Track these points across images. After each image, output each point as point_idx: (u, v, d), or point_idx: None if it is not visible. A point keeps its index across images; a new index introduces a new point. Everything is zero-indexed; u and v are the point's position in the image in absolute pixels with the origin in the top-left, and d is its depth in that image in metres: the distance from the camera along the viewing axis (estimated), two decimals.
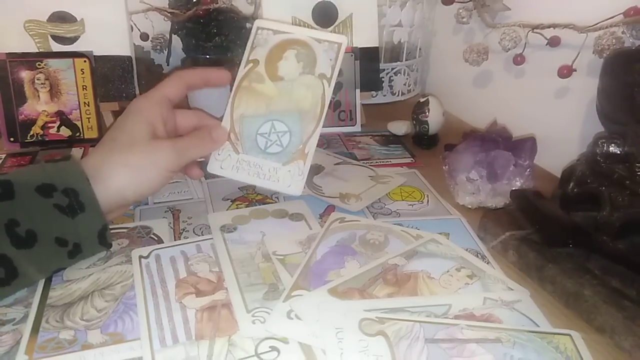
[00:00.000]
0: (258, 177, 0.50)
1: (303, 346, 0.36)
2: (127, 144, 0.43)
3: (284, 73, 0.49)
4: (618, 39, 0.55)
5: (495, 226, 0.49)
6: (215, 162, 0.50)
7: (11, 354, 0.35)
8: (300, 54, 0.49)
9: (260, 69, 0.49)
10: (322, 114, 0.49)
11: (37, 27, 0.66)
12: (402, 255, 0.46)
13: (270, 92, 0.49)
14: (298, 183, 0.50)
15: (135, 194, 0.44)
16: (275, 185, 0.50)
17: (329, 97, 0.49)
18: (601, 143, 0.46)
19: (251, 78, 0.49)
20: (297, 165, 0.49)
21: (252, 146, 0.49)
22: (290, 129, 0.49)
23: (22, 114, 0.65)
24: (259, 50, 0.50)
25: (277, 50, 0.49)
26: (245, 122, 0.49)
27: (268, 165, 0.50)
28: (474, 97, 0.83)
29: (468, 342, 0.36)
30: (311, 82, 0.49)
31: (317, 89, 0.49)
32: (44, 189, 0.40)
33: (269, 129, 0.49)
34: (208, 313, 0.39)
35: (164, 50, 0.87)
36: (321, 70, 0.49)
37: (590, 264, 0.43)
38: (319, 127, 0.49)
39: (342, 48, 0.49)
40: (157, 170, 0.44)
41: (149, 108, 0.45)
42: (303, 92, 0.49)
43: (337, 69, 0.49)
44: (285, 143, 0.49)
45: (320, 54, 0.49)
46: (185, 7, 0.81)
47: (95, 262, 0.44)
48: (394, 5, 0.81)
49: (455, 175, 0.57)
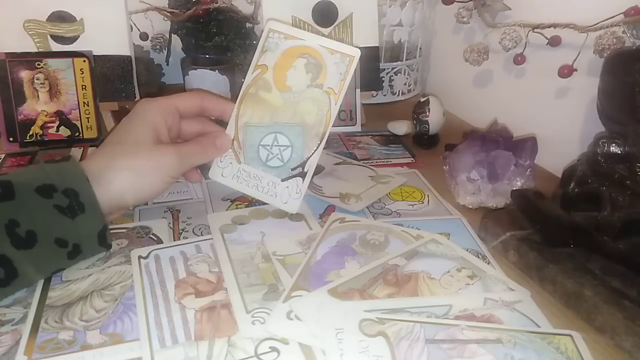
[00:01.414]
0: (257, 190, 0.50)
1: (303, 347, 0.36)
2: (131, 148, 0.43)
3: (291, 83, 0.48)
4: (618, 39, 0.55)
5: (495, 226, 0.49)
6: (217, 169, 0.50)
7: (10, 355, 0.35)
8: (309, 64, 0.48)
9: (268, 76, 0.49)
10: (326, 132, 0.48)
11: (37, 27, 0.66)
12: (402, 256, 0.46)
13: (276, 102, 0.49)
14: (295, 201, 0.50)
15: (135, 198, 0.45)
16: (273, 200, 0.50)
17: (334, 115, 0.48)
18: (602, 143, 0.46)
19: (258, 85, 0.49)
20: (295, 182, 0.49)
21: (254, 157, 0.49)
22: (293, 144, 0.49)
23: (21, 113, 0.65)
24: (269, 55, 0.48)
25: (287, 57, 0.48)
26: (248, 131, 0.49)
27: (267, 179, 0.49)
28: (475, 97, 0.83)
29: (468, 342, 0.36)
30: (318, 97, 0.48)
31: (323, 105, 0.48)
32: (44, 190, 0.39)
33: (271, 141, 0.49)
34: (207, 313, 0.39)
35: (164, 50, 0.87)
36: (330, 85, 0.48)
37: (590, 264, 0.43)
38: (321, 146, 0.49)
39: (354, 62, 0.48)
40: (159, 175, 0.44)
41: (155, 113, 0.45)
42: (309, 106, 0.48)
43: (347, 85, 0.48)
44: (286, 158, 0.49)
45: (330, 66, 0.48)
46: (185, 6, 0.81)
47: (95, 263, 0.44)
48: (394, 5, 0.81)
49: (455, 175, 0.57)
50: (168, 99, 0.47)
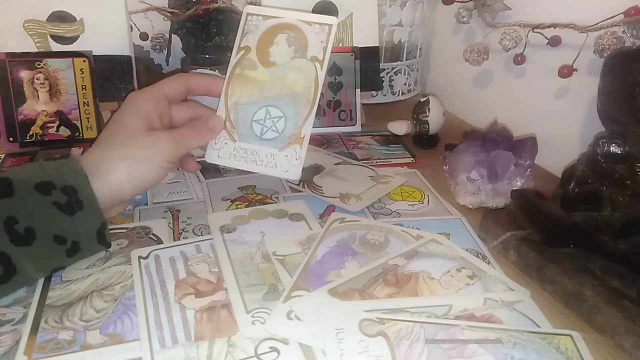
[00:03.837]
0: (256, 164, 0.50)
1: (303, 347, 0.36)
2: (125, 138, 0.43)
3: (275, 58, 0.49)
4: (619, 39, 0.55)
5: (495, 226, 0.49)
6: (213, 152, 0.50)
7: (10, 355, 0.35)
8: (290, 38, 0.49)
9: (252, 56, 0.49)
10: (316, 97, 0.49)
11: (37, 27, 0.66)
12: (402, 256, 0.46)
13: (263, 78, 0.49)
14: (295, 167, 0.50)
15: (135, 187, 0.44)
16: (273, 170, 0.50)
17: (322, 79, 0.49)
18: (602, 143, 0.46)
19: (243, 65, 0.49)
20: (293, 149, 0.49)
21: (248, 133, 0.49)
22: (285, 114, 0.49)
23: (21, 113, 0.65)
24: (250, 36, 0.49)
25: (267, 35, 0.49)
26: (239, 110, 0.49)
27: (265, 152, 0.50)
28: (475, 97, 0.82)
29: (468, 342, 0.36)
30: (303, 66, 0.49)
31: (309, 72, 0.49)
32: (43, 187, 0.40)
33: (263, 115, 0.49)
34: (207, 314, 0.39)
35: (164, 50, 0.87)
36: (313, 53, 0.49)
37: (590, 264, 0.43)
38: (314, 111, 0.49)
39: (333, 29, 0.49)
40: (156, 161, 0.44)
41: (145, 102, 0.45)
42: (295, 75, 0.49)
43: (329, 50, 0.49)
44: (281, 128, 0.49)
45: (311, 37, 0.49)
46: (185, 6, 0.80)
47: (95, 263, 0.44)
48: (394, 5, 0.81)
49: (455, 175, 0.57)
50: (154, 87, 0.47)
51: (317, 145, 0.69)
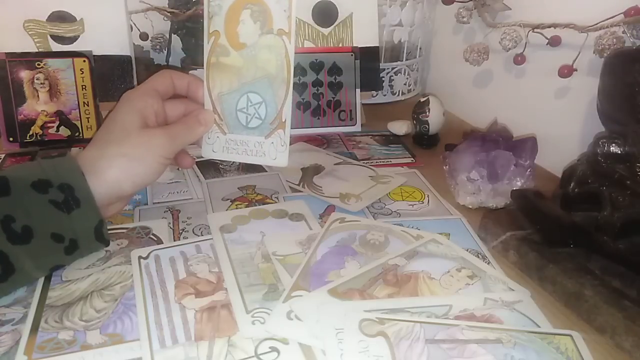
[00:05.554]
0: (247, 155, 0.50)
1: (303, 347, 0.36)
2: (121, 135, 0.43)
3: (245, 39, 0.48)
4: (618, 39, 0.55)
5: (495, 226, 0.49)
6: (208, 147, 0.50)
7: (10, 354, 0.35)
8: (255, 13, 0.48)
9: (222, 41, 0.49)
10: (290, 75, 0.48)
11: (37, 27, 0.66)
12: (402, 256, 0.46)
13: (237, 63, 0.49)
14: (282, 154, 0.49)
15: (132, 184, 0.44)
16: (263, 159, 0.50)
17: (292, 54, 0.48)
18: (602, 143, 0.46)
19: (217, 52, 0.49)
20: (278, 135, 0.49)
21: (236, 124, 0.49)
22: (264, 98, 0.49)
23: (21, 113, 0.65)
24: (216, 19, 0.49)
25: (232, 14, 0.48)
26: (224, 101, 0.49)
27: (253, 141, 0.50)
28: (475, 97, 0.82)
29: (468, 342, 0.36)
30: (272, 43, 0.48)
31: (279, 49, 0.48)
32: (39, 185, 0.40)
33: (245, 103, 0.49)
34: (207, 314, 0.39)
35: (164, 50, 0.87)
36: (279, 26, 0.48)
37: (590, 264, 0.43)
38: (290, 91, 0.49)
39: None
40: (152, 157, 0.44)
41: (139, 99, 0.45)
42: (266, 55, 0.48)
43: (294, 20, 0.48)
44: (263, 114, 0.49)
45: (273, 7, 0.48)
46: (185, 6, 0.80)
47: (95, 263, 0.44)
48: (394, 5, 0.81)
49: (455, 175, 0.57)
50: (146, 84, 0.47)
51: (317, 145, 0.69)
